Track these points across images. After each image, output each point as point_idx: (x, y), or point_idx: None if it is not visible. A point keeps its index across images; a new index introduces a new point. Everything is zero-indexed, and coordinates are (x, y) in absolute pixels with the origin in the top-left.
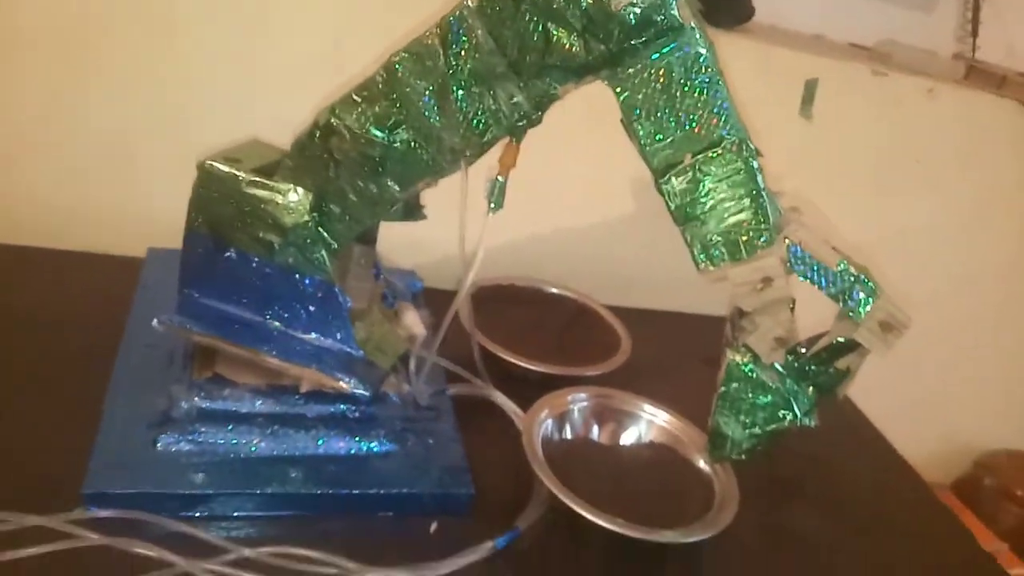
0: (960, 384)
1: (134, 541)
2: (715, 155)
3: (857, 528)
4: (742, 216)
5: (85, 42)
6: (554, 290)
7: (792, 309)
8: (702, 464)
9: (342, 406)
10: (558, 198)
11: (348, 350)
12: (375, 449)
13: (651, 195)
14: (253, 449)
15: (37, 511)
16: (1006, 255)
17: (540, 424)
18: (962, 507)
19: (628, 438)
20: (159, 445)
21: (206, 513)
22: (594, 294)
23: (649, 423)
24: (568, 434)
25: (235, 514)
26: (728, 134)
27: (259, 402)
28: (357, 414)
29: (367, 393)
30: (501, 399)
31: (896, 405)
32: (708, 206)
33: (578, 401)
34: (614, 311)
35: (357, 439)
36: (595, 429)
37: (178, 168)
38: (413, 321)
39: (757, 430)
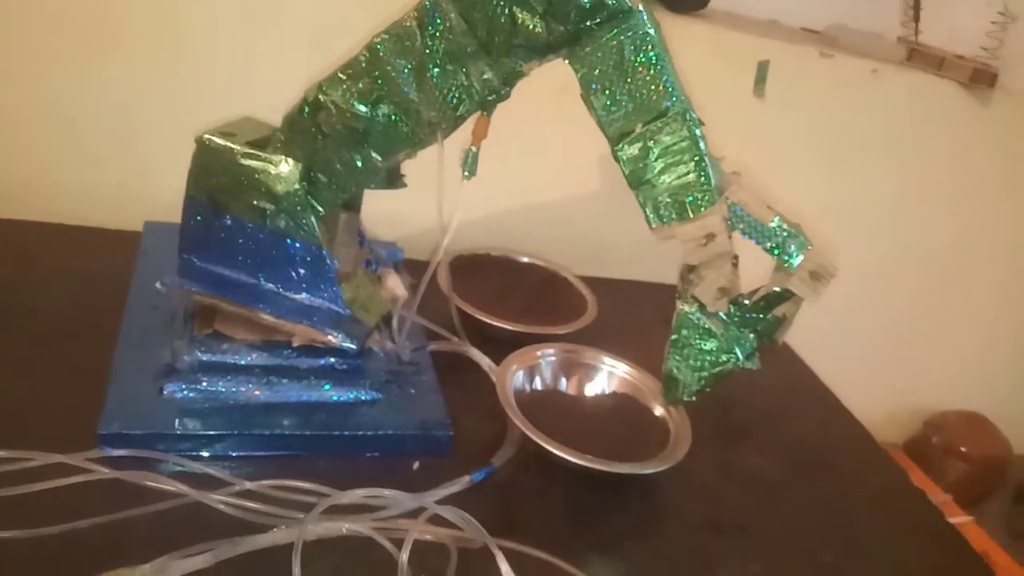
0: (911, 349)
1: (146, 475)
2: (662, 124)
3: (801, 469)
4: (687, 179)
5: (88, 23)
6: (525, 259)
7: (735, 264)
8: (659, 410)
9: (331, 359)
10: (530, 174)
11: (336, 309)
12: (362, 397)
13: (615, 171)
14: (250, 397)
15: (58, 451)
16: (949, 223)
17: (512, 375)
18: (911, 464)
19: (593, 389)
20: (165, 392)
21: (209, 453)
22: (563, 264)
23: (611, 375)
24: (538, 385)
25: (234, 454)
26: (672, 105)
27: (255, 355)
28: (345, 367)
29: (354, 347)
30: (477, 355)
31: (851, 370)
32: (657, 170)
33: (547, 355)
34: (582, 280)
35: (346, 388)
36: (562, 381)
37: (176, 146)
38: (395, 284)
39: (705, 373)
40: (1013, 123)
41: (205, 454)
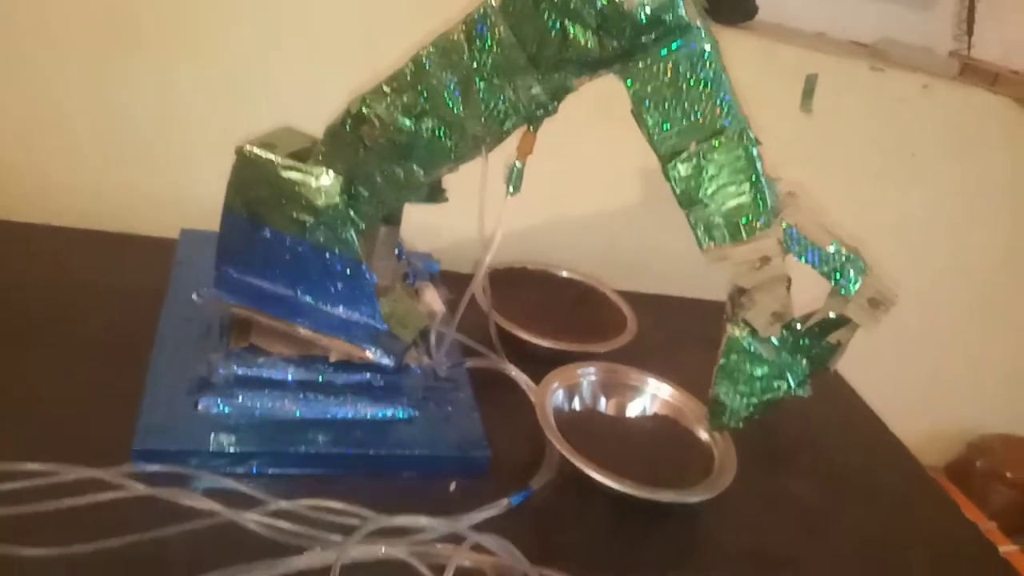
0: (954, 370)
1: (179, 492)
2: (718, 143)
3: (847, 497)
4: (742, 200)
5: (125, 31)
6: (564, 274)
7: (788, 287)
8: (703, 434)
9: (368, 375)
10: (570, 188)
11: (374, 323)
12: (399, 415)
13: (658, 185)
14: (286, 413)
15: (91, 465)
16: (998, 245)
17: (552, 394)
18: (954, 489)
19: (633, 410)
20: (200, 407)
21: (243, 470)
22: (602, 279)
23: (653, 396)
24: (577, 406)
25: (269, 471)
26: (730, 124)
27: (291, 370)
28: (382, 383)
29: (391, 363)
30: (515, 372)
31: (893, 391)
32: (711, 191)
33: (587, 375)
34: (620, 295)
35: (382, 405)
36: (602, 401)
37: (215, 154)
38: (433, 299)
39: (754, 399)
40: None
41: (239, 471)
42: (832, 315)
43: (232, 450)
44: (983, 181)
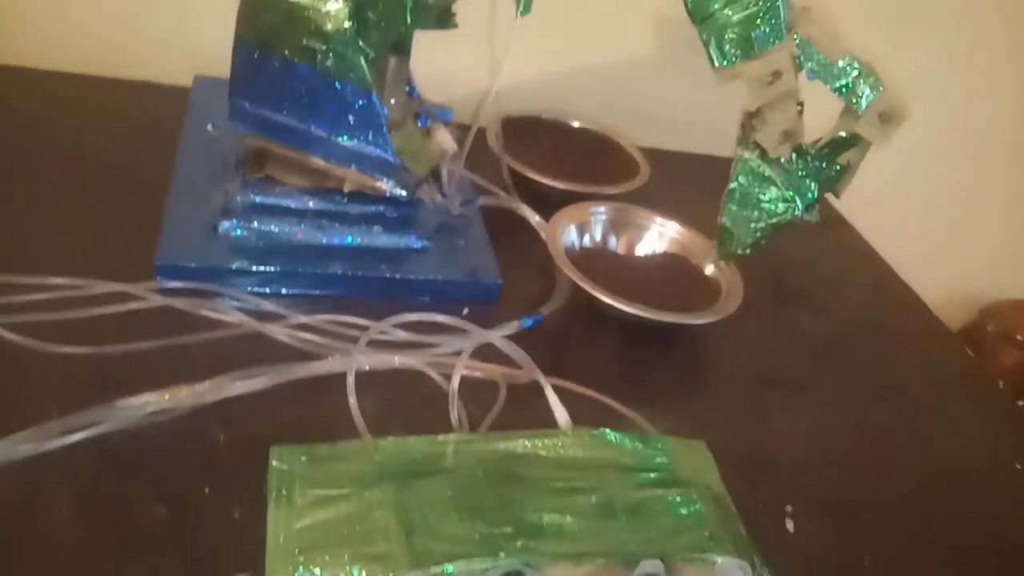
0: (970, 234)
1: (203, 303)
2: None
3: (853, 333)
4: (754, 11)
5: None
6: (577, 123)
7: (800, 109)
8: (710, 270)
9: (381, 207)
10: (586, 38)
11: (386, 156)
12: (413, 245)
13: (673, 36)
14: (303, 238)
15: (117, 280)
16: (1014, 105)
17: (563, 230)
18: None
19: (643, 248)
20: (220, 230)
21: (262, 289)
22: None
23: (662, 234)
24: (588, 243)
25: (286, 292)
26: None
27: (307, 199)
28: (395, 215)
29: (404, 193)
30: (527, 211)
31: (908, 253)
32: (722, 2)
33: (598, 213)
34: (634, 146)
35: (396, 235)
36: (612, 239)
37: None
38: (444, 138)
39: (761, 224)
40: None
41: (259, 290)
42: (843, 133)
43: (252, 268)
44: (1003, 36)
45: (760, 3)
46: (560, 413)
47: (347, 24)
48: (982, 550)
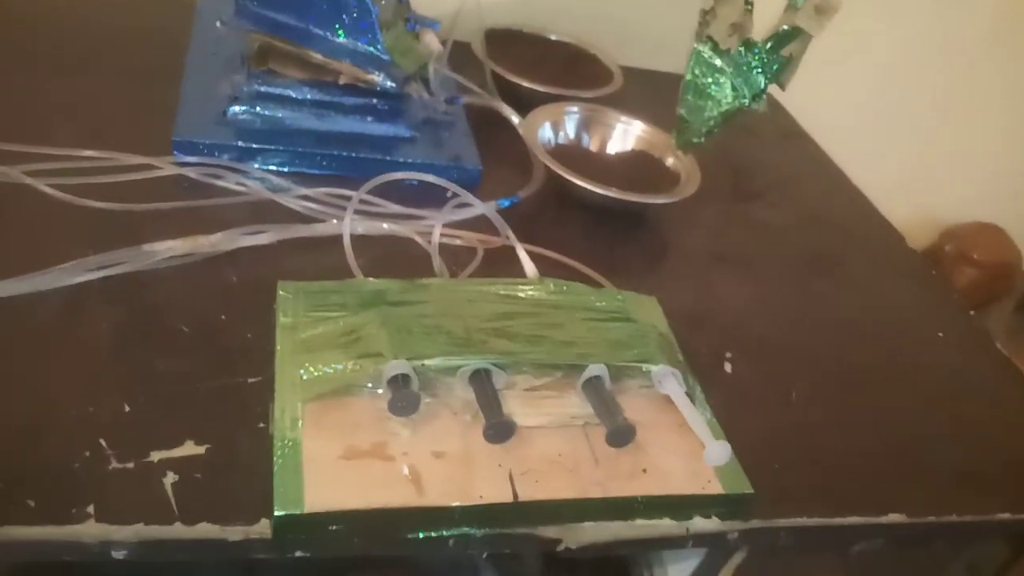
0: (931, 157)
1: (216, 173)
2: None
3: (801, 223)
4: None
5: None
6: (555, 36)
7: (749, 5)
8: (671, 161)
9: (373, 99)
10: None
11: (377, 53)
12: (401, 134)
13: None
14: (303, 124)
15: (138, 153)
16: (975, 28)
17: (539, 126)
18: None
19: (613, 145)
20: (228, 114)
21: (267, 166)
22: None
23: (628, 132)
24: (562, 139)
25: (289, 170)
26: None
27: (306, 90)
28: (386, 107)
29: (394, 86)
30: (506, 109)
31: (873, 178)
32: None
33: (571, 112)
34: (610, 58)
35: (387, 124)
36: (584, 137)
37: None
38: (432, 40)
39: (714, 111)
40: None
41: (264, 166)
42: (785, 27)
43: (257, 147)
44: None
45: None
46: (529, 267)
47: None
48: (894, 382)
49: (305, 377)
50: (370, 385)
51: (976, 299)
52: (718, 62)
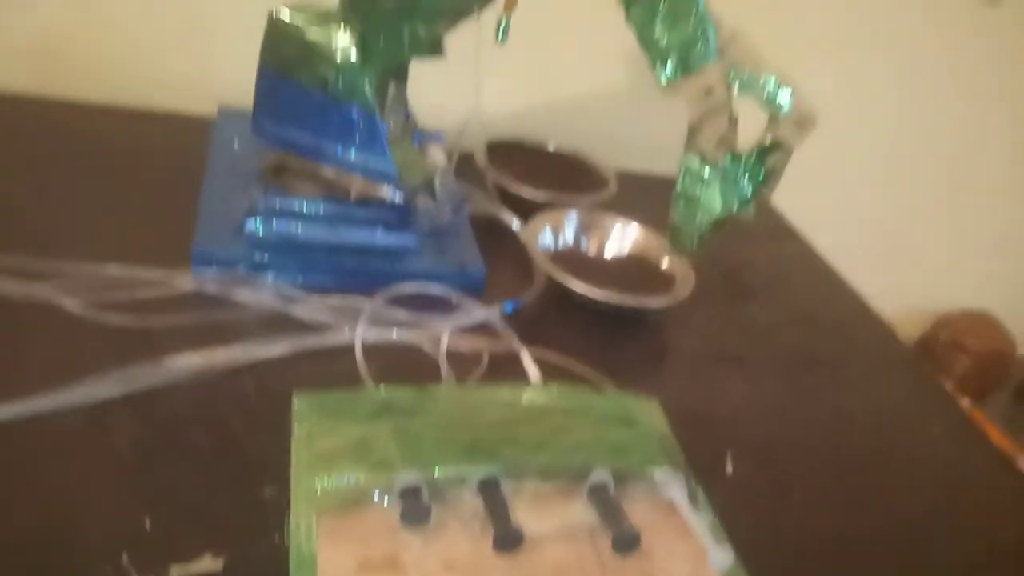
0: (924, 248)
1: (232, 287)
2: None
3: (793, 321)
4: (689, 37)
5: None
6: (553, 147)
7: (734, 122)
8: (666, 264)
9: (383, 211)
10: (561, 74)
11: (386, 168)
12: (409, 243)
13: (638, 69)
14: (316, 237)
15: (159, 267)
16: (959, 119)
17: (540, 232)
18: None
19: (610, 248)
20: (245, 229)
21: (282, 278)
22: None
23: (625, 235)
24: (561, 243)
25: (304, 280)
26: None
27: (319, 204)
28: (394, 218)
29: (402, 199)
30: (508, 216)
31: (866, 267)
32: (662, 30)
33: (570, 217)
34: (605, 166)
35: (395, 236)
36: (583, 241)
37: (242, 38)
38: (437, 154)
39: (705, 219)
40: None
41: (279, 278)
42: (768, 140)
43: (272, 260)
44: (946, 62)
45: (694, 31)
46: (533, 371)
47: (354, 55)
48: (891, 477)
49: (320, 489)
50: (383, 497)
51: (972, 387)
52: (706, 173)
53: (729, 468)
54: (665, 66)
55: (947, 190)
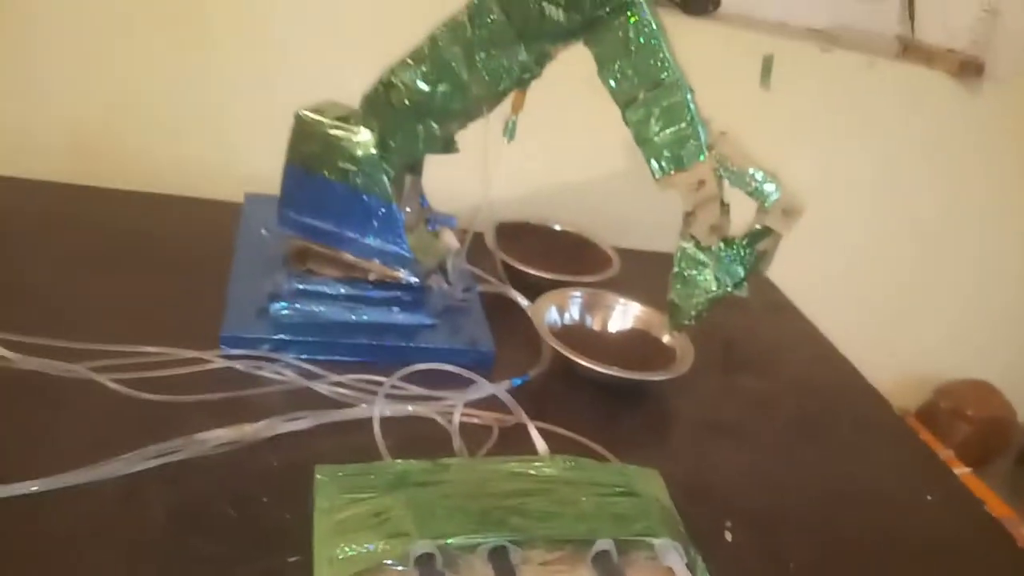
0: (919, 320)
1: (258, 365)
2: (660, 91)
3: (788, 391)
4: (681, 136)
5: (199, 30)
6: (559, 227)
7: (726, 209)
8: (667, 339)
9: (399, 292)
10: (565, 158)
11: (403, 252)
12: (423, 322)
13: (636, 156)
14: (337, 317)
15: (190, 348)
16: (943, 198)
17: (546, 310)
18: (920, 428)
19: (613, 325)
20: (271, 311)
21: (305, 356)
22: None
23: (627, 312)
24: (567, 320)
25: (323, 358)
26: (668, 76)
27: (339, 286)
28: (410, 298)
29: (417, 281)
30: (515, 295)
31: (863, 338)
32: (657, 129)
33: (575, 297)
34: (608, 245)
35: (410, 314)
36: (588, 318)
37: (268, 131)
38: (449, 239)
39: (701, 298)
40: (999, 108)
41: (302, 356)
42: (758, 226)
43: (296, 340)
44: (924, 143)
45: (686, 129)
46: (540, 445)
47: (373, 150)
48: (887, 545)
49: (341, 556)
50: (400, 564)
51: (973, 455)
52: (701, 256)
53: (728, 536)
54: (660, 162)
55: (939, 264)
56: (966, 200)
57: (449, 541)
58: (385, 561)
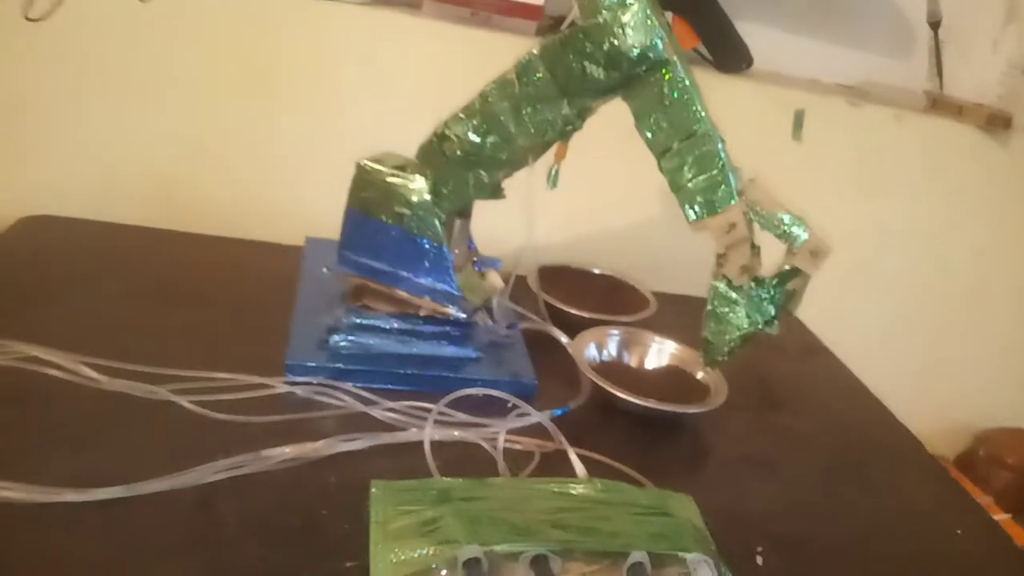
0: (955, 368)
1: (318, 391)
2: (693, 141)
3: (822, 428)
4: (713, 183)
5: (270, 86)
6: (598, 271)
7: (756, 251)
8: (701, 375)
9: (447, 327)
10: (604, 204)
11: (451, 290)
12: (470, 355)
13: (673, 202)
14: (390, 349)
15: (258, 375)
16: (974, 247)
17: (585, 347)
18: (960, 475)
19: (648, 361)
20: (331, 343)
21: (361, 384)
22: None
23: (663, 350)
24: (605, 357)
25: (380, 386)
26: (699, 127)
27: (393, 321)
28: (458, 333)
29: (464, 316)
30: (556, 332)
31: (901, 386)
32: (690, 176)
33: (613, 334)
34: (645, 287)
35: (457, 347)
36: (625, 355)
37: (330, 178)
38: (494, 279)
39: (734, 335)
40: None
41: (359, 384)
42: (787, 267)
43: (353, 369)
44: (953, 193)
45: (717, 176)
46: (579, 469)
47: (427, 196)
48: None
49: (395, 561)
50: (445, 568)
51: (1014, 502)
52: (733, 295)
53: (759, 560)
54: (693, 207)
55: (973, 312)
56: (997, 249)
57: (495, 548)
58: (433, 565)
